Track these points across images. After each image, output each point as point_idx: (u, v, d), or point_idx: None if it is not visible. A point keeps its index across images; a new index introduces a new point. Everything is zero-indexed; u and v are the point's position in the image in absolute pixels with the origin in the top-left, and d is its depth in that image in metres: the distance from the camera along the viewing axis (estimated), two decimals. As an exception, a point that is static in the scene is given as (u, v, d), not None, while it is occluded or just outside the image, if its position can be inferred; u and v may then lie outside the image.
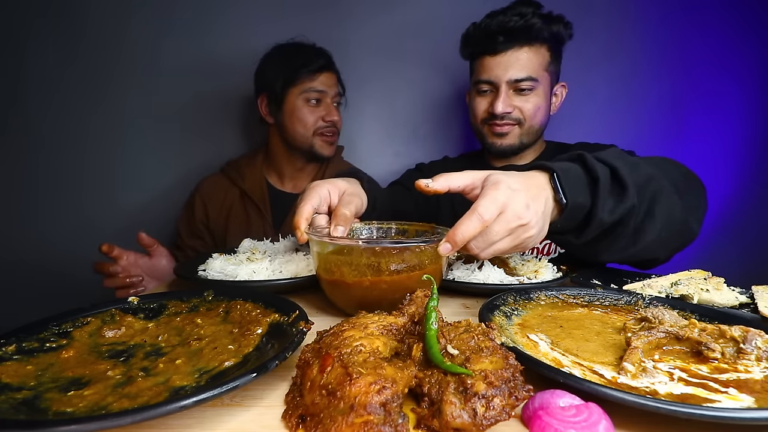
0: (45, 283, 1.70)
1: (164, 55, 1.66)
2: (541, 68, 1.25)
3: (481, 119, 1.32)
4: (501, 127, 1.28)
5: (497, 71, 1.24)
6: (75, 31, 1.63)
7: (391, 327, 0.46)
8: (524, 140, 1.31)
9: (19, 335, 0.50)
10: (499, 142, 1.31)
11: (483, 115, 1.31)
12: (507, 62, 1.23)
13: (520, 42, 1.22)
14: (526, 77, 1.23)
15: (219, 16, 1.66)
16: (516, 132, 1.30)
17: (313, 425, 0.36)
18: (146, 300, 0.63)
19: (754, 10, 1.72)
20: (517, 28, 1.20)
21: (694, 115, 1.78)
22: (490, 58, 1.25)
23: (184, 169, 1.73)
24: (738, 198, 1.81)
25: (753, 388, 0.43)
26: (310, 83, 1.43)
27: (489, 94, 1.29)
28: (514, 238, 0.65)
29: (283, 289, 0.78)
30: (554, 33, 1.23)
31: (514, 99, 1.26)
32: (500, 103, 1.25)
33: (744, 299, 0.73)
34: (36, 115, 1.66)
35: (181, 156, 1.73)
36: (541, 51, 1.24)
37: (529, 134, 1.30)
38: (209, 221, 1.54)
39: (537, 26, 1.20)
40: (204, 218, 1.54)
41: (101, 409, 0.37)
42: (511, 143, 1.31)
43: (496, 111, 1.25)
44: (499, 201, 0.62)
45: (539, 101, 1.27)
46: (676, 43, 1.72)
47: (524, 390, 0.36)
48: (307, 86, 1.43)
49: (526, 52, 1.23)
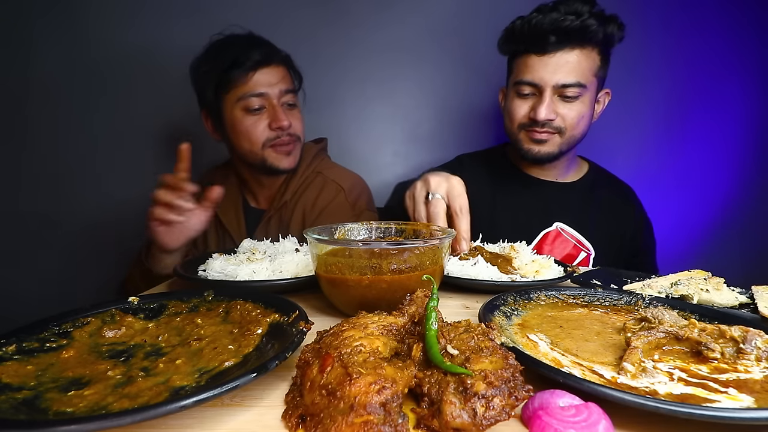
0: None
1: (165, 54, 1.66)
2: (590, 73, 1.15)
3: (519, 123, 1.23)
4: (540, 134, 1.20)
5: (543, 73, 1.14)
6: (76, 33, 1.63)
7: (391, 327, 0.46)
8: (563, 149, 1.23)
9: (19, 335, 0.50)
10: (536, 149, 1.23)
11: (522, 119, 1.21)
12: (555, 64, 1.12)
13: (572, 43, 1.12)
14: (574, 83, 1.13)
15: (220, 15, 1.66)
16: (556, 140, 1.21)
17: (313, 425, 0.36)
18: (146, 300, 0.63)
19: (755, 10, 1.72)
20: (572, 28, 1.09)
21: (695, 115, 1.78)
22: (536, 57, 1.15)
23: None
24: (738, 198, 1.81)
25: (753, 388, 0.43)
26: (245, 86, 1.18)
27: (530, 97, 1.19)
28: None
29: (283, 289, 0.78)
30: (608, 35, 1.13)
31: (558, 105, 1.17)
32: (543, 109, 1.15)
33: (744, 299, 0.74)
34: (36, 115, 1.66)
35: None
36: (591, 54, 1.14)
37: (569, 143, 1.22)
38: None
39: (593, 27, 1.10)
40: None
41: (101, 409, 0.37)
42: (550, 151, 1.22)
43: (539, 117, 1.16)
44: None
45: (584, 109, 1.18)
46: (676, 42, 1.72)
47: (524, 390, 0.36)
48: (242, 90, 1.18)
49: (577, 55, 1.12)
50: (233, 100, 1.20)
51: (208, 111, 1.28)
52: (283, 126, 1.22)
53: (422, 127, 1.79)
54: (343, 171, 1.45)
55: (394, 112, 1.78)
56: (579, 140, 1.25)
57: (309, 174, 1.39)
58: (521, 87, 1.19)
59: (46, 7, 1.61)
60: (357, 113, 1.76)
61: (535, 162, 1.28)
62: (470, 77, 1.74)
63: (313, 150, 1.43)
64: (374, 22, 1.70)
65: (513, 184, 1.37)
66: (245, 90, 1.18)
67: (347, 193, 1.36)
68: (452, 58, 1.73)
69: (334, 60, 1.71)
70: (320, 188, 1.37)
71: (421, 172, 1.21)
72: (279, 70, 1.23)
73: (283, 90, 1.23)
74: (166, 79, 1.66)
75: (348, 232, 0.81)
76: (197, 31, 1.26)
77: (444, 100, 1.77)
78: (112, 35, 1.64)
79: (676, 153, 1.80)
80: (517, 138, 1.26)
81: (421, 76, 1.75)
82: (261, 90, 1.19)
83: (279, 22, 1.65)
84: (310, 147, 1.44)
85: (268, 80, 1.20)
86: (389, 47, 1.72)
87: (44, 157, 1.68)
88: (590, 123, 1.24)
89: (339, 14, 1.69)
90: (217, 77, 1.19)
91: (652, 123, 1.78)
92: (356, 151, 1.78)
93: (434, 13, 1.70)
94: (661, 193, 1.76)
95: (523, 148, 1.25)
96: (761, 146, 1.79)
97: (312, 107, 1.70)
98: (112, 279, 1.73)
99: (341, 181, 1.38)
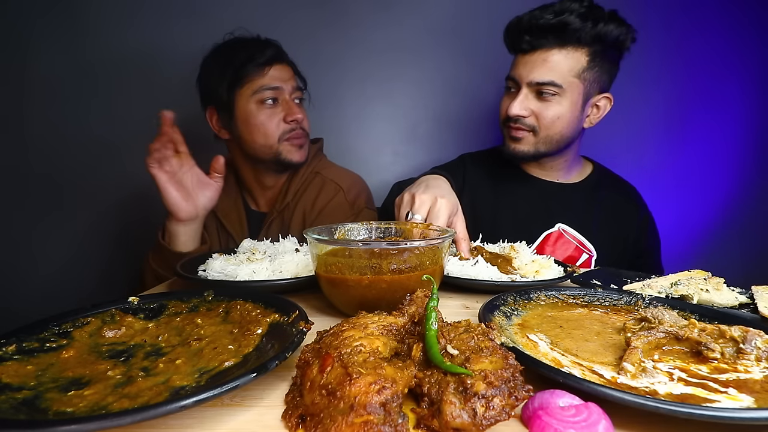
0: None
1: (164, 55, 1.66)
2: (570, 74, 1.13)
3: (502, 120, 1.25)
4: (515, 131, 1.21)
5: (522, 70, 1.16)
6: (76, 32, 1.63)
7: (391, 327, 0.46)
8: (541, 148, 1.22)
9: (19, 335, 0.50)
10: (513, 146, 1.24)
11: (503, 114, 1.23)
12: (533, 62, 1.13)
13: (551, 42, 1.11)
14: (547, 81, 1.12)
15: (221, 15, 1.66)
16: (530, 139, 1.21)
17: (313, 425, 0.36)
18: (146, 300, 0.63)
19: (755, 10, 1.72)
20: (549, 26, 1.09)
21: (695, 115, 1.78)
22: (521, 55, 1.17)
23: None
24: (738, 198, 1.81)
25: (753, 388, 0.43)
26: (261, 80, 1.22)
27: (513, 93, 1.20)
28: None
29: (283, 289, 0.78)
30: (599, 35, 1.10)
31: (534, 103, 1.17)
32: (515, 104, 1.16)
33: (744, 299, 0.74)
34: (36, 115, 1.66)
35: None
36: (575, 55, 1.12)
37: (546, 143, 1.21)
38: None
39: (573, 26, 1.08)
40: None
41: (101, 409, 0.37)
42: (525, 150, 1.22)
43: (510, 112, 1.18)
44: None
45: (562, 110, 1.16)
46: (676, 42, 1.72)
47: (524, 390, 0.36)
48: (258, 84, 1.22)
49: (556, 54, 1.12)
50: (248, 94, 1.23)
51: (216, 109, 1.30)
52: (297, 119, 1.26)
53: (422, 127, 1.79)
54: (341, 170, 1.45)
55: (393, 112, 1.78)
56: (561, 142, 1.22)
57: (308, 174, 1.40)
58: (508, 83, 1.23)
59: (45, 7, 1.61)
60: (357, 113, 1.77)
61: (516, 160, 1.29)
62: (470, 77, 1.74)
63: (312, 150, 1.44)
64: (373, 22, 1.70)
65: (515, 184, 1.36)
66: (261, 83, 1.22)
67: (346, 193, 1.37)
68: (452, 58, 1.73)
69: (334, 60, 1.71)
70: (319, 188, 1.38)
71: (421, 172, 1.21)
72: (288, 68, 1.29)
73: (293, 86, 1.28)
74: (165, 80, 1.67)
75: (348, 232, 0.81)
76: (196, 32, 1.27)
77: (443, 99, 1.77)
78: (110, 36, 1.64)
79: (676, 153, 1.80)
80: (503, 134, 1.28)
81: (421, 76, 1.75)
82: (276, 84, 1.24)
83: (278, 22, 1.65)
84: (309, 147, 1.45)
85: (281, 76, 1.25)
86: (388, 47, 1.72)
87: (43, 157, 1.68)
88: (575, 125, 1.21)
89: (338, 14, 1.69)
90: (233, 72, 1.22)
91: (652, 123, 1.78)
92: (356, 150, 1.78)
93: (433, 13, 1.70)
94: (661, 193, 1.75)
95: (506, 144, 1.27)
96: (761, 146, 1.79)
97: (312, 107, 1.70)
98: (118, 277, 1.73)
99: (340, 181, 1.39)
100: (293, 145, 1.29)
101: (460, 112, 1.78)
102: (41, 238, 1.71)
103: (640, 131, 1.78)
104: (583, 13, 1.09)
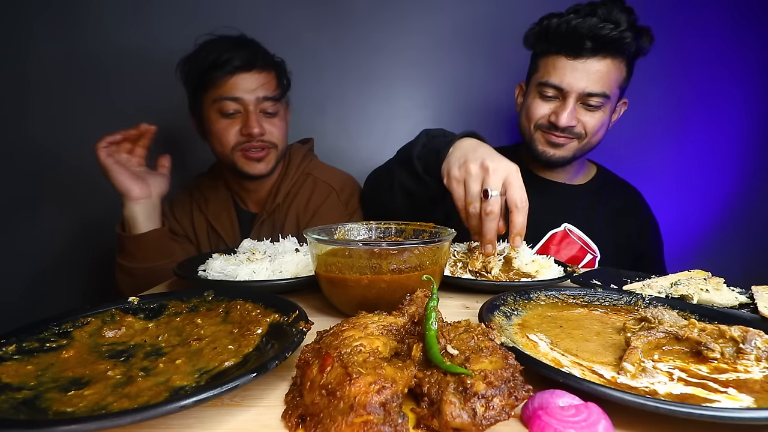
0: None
1: (162, 53, 1.66)
2: (615, 84, 1.14)
3: (537, 124, 1.21)
4: (558, 138, 1.18)
5: (570, 78, 1.11)
6: (74, 32, 1.63)
7: (391, 327, 0.46)
8: (577, 154, 1.23)
9: (19, 335, 0.50)
10: (551, 152, 1.21)
11: (541, 120, 1.19)
12: (584, 71, 1.10)
13: (605, 52, 1.09)
14: (599, 92, 1.11)
15: (218, 15, 1.66)
16: (573, 146, 1.20)
17: (312, 425, 0.36)
18: (146, 300, 0.63)
19: (754, 10, 1.72)
20: (609, 38, 1.06)
21: (695, 115, 1.78)
22: (566, 60, 1.11)
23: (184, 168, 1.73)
24: (738, 197, 1.81)
25: (752, 388, 0.43)
26: (221, 89, 1.17)
27: (553, 100, 1.17)
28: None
29: (283, 289, 0.78)
30: (639, 48, 1.12)
31: (580, 112, 1.15)
32: (566, 115, 1.13)
33: (744, 299, 0.74)
34: (36, 115, 1.66)
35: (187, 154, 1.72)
36: (620, 66, 1.12)
37: (584, 149, 1.22)
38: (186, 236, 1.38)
39: (628, 40, 1.07)
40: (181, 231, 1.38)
41: (101, 409, 0.37)
42: (564, 155, 1.21)
43: (560, 123, 1.14)
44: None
45: (604, 118, 1.17)
46: (676, 43, 1.72)
47: (524, 390, 0.36)
48: (218, 93, 1.18)
49: (607, 65, 1.10)
50: (210, 101, 1.20)
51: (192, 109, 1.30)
52: (252, 133, 1.19)
53: (422, 127, 1.79)
54: (332, 171, 1.45)
55: (393, 112, 1.78)
56: (594, 147, 1.25)
57: (299, 176, 1.39)
58: (545, 88, 1.17)
59: (43, 5, 1.61)
60: (357, 113, 1.76)
61: (548, 165, 1.27)
62: (471, 77, 1.74)
63: (301, 151, 1.42)
64: (375, 21, 1.70)
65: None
66: (221, 93, 1.18)
67: (339, 193, 1.37)
68: (452, 59, 1.73)
69: (334, 60, 1.70)
70: (311, 190, 1.37)
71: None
72: (261, 75, 1.21)
73: (261, 97, 1.20)
74: (161, 78, 1.66)
75: (348, 232, 0.81)
76: (195, 30, 1.26)
77: (444, 100, 1.77)
78: (108, 33, 1.63)
79: (676, 153, 1.80)
80: (531, 137, 1.24)
81: (422, 75, 1.75)
82: (236, 94, 1.18)
83: (278, 20, 1.65)
84: (298, 148, 1.43)
85: (246, 86, 1.18)
86: (389, 47, 1.72)
87: (41, 154, 1.68)
88: (607, 130, 1.24)
89: (339, 14, 1.69)
90: (198, 77, 1.19)
91: (652, 123, 1.78)
92: (357, 150, 1.78)
93: (435, 13, 1.70)
94: (662, 193, 1.75)
95: (538, 149, 1.24)
96: (761, 146, 1.79)
97: (312, 107, 1.69)
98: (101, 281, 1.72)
99: (332, 182, 1.39)
100: (247, 158, 1.24)
101: (460, 112, 1.78)
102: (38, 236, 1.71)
103: (640, 131, 1.78)
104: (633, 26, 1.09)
